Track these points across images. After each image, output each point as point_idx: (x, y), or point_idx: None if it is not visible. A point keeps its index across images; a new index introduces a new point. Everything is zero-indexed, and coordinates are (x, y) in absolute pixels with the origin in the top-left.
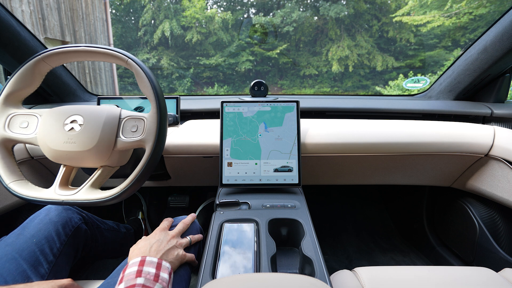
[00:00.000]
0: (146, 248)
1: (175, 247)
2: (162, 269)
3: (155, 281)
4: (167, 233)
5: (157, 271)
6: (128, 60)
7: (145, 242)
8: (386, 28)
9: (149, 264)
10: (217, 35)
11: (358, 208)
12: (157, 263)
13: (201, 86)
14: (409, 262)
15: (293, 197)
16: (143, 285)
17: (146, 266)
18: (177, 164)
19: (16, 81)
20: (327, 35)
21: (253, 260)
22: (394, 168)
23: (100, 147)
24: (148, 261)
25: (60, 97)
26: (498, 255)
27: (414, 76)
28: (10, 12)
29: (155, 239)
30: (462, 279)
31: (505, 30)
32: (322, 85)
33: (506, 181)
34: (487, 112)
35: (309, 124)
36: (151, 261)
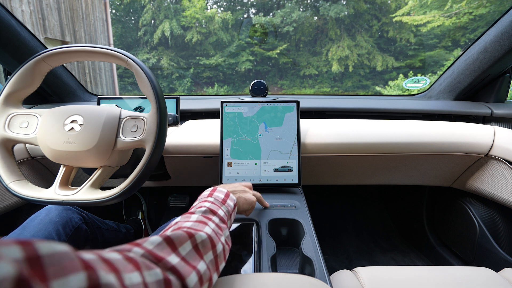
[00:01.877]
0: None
1: (248, 191)
2: (229, 198)
3: (222, 203)
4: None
5: (225, 197)
6: (128, 60)
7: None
8: (386, 28)
9: (219, 191)
10: (217, 35)
11: (358, 208)
12: (225, 193)
13: (201, 86)
14: (409, 262)
15: (293, 197)
16: (212, 202)
17: (217, 192)
18: (177, 164)
19: (16, 81)
20: (327, 35)
21: (253, 260)
22: (394, 168)
23: (100, 147)
24: (218, 189)
25: (60, 97)
26: (498, 255)
27: (414, 76)
28: (10, 12)
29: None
30: (462, 279)
31: (505, 30)
32: (322, 85)
33: (506, 181)
34: (487, 112)
35: (309, 124)
36: (220, 190)
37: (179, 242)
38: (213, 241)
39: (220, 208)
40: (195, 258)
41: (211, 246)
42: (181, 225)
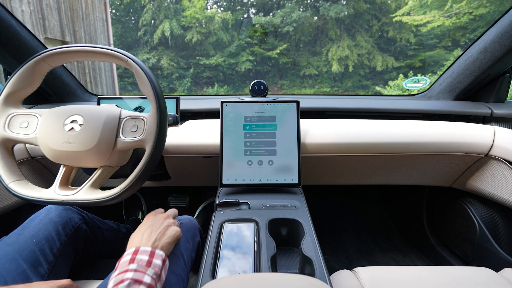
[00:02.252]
0: (138, 238)
1: (169, 226)
2: (156, 257)
3: (147, 267)
4: (157, 216)
5: (150, 258)
6: (128, 60)
7: (137, 233)
8: (386, 28)
9: (143, 252)
10: (217, 35)
11: (358, 208)
12: (150, 251)
13: (201, 86)
14: (409, 262)
15: (293, 197)
16: (135, 270)
17: (140, 254)
18: (177, 164)
19: (16, 81)
20: (327, 35)
21: (253, 260)
22: (394, 168)
23: (100, 147)
24: (141, 250)
25: (60, 97)
26: (498, 255)
27: (414, 76)
28: (10, 12)
29: (146, 226)
30: (462, 279)
31: (505, 30)
32: (322, 85)
33: (506, 181)
34: (487, 112)
35: (309, 124)
36: (144, 250)
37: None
38: None
39: (145, 273)
40: None
41: None
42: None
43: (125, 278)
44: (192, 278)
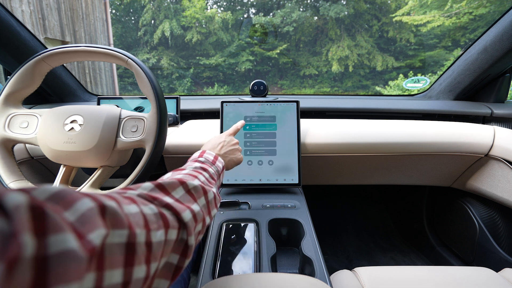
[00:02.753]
0: (210, 145)
1: (237, 150)
2: (218, 161)
3: (212, 163)
4: (233, 138)
5: (214, 159)
6: (128, 60)
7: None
8: (386, 28)
9: (209, 154)
10: (217, 35)
11: (358, 208)
12: (214, 155)
13: (201, 86)
14: (409, 262)
15: (293, 197)
16: (203, 162)
17: (206, 154)
18: (177, 164)
19: (16, 81)
20: (327, 35)
21: (253, 260)
22: (394, 168)
23: (100, 147)
24: (208, 152)
25: (60, 97)
26: (498, 255)
27: (414, 76)
28: (10, 12)
29: (220, 139)
30: (462, 279)
31: (505, 30)
32: (322, 85)
33: (506, 181)
34: (487, 112)
35: (309, 124)
36: (210, 153)
37: (171, 187)
38: (205, 188)
39: (210, 167)
40: (189, 200)
41: (203, 192)
42: (172, 177)
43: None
44: (192, 278)
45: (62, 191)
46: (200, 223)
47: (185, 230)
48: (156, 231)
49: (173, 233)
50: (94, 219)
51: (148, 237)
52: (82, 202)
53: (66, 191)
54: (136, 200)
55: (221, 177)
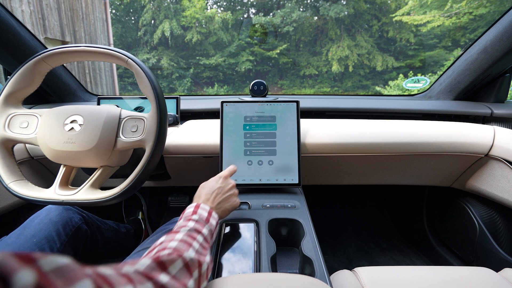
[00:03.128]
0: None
1: (233, 195)
2: (212, 217)
3: (206, 222)
4: (229, 181)
5: (208, 216)
6: (128, 60)
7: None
8: (386, 28)
9: (203, 209)
10: (217, 35)
11: (358, 208)
12: (208, 211)
13: (201, 86)
14: (409, 262)
15: (293, 197)
16: (196, 221)
17: (200, 210)
18: (177, 164)
19: (16, 81)
20: (327, 35)
21: (253, 260)
22: (394, 168)
23: (100, 147)
24: (202, 206)
25: (60, 97)
26: (498, 255)
27: (414, 76)
28: (10, 12)
29: (216, 186)
30: (462, 279)
31: (505, 30)
32: (322, 85)
33: (506, 181)
34: (487, 112)
35: (309, 124)
36: (204, 208)
37: (170, 262)
38: (200, 260)
39: (204, 227)
40: (184, 275)
41: (198, 265)
42: (166, 245)
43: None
44: None
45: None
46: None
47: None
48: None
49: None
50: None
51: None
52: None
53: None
54: (133, 278)
55: (214, 235)
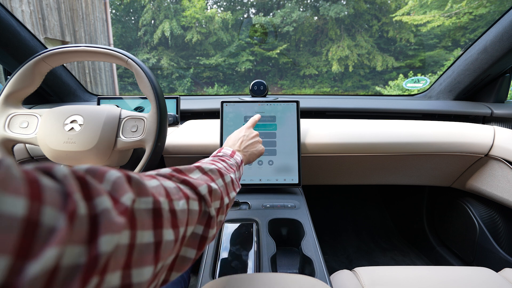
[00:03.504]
0: (231, 142)
1: (258, 142)
2: (236, 155)
3: (231, 156)
4: (252, 130)
5: (232, 153)
6: (128, 60)
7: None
8: (386, 28)
9: (226, 149)
10: (217, 35)
11: (358, 208)
12: (232, 150)
13: (201, 86)
14: (409, 262)
15: (293, 197)
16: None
17: (225, 149)
18: (177, 164)
19: (16, 81)
20: (327, 35)
21: (253, 260)
22: (394, 168)
23: (100, 147)
24: (225, 148)
25: (60, 97)
26: (498, 255)
27: (414, 76)
28: (10, 12)
29: (241, 134)
30: (462, 279)
31: (505, 30)
32: (322, 85)
33: (506, 181)
34: (487, 112)
35: (309, 124)
36: (227, 149)
37: (188, 170)
38: (221, 171)
39: (229, 159)
40: (206, 179)
41: (220, 175)
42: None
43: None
44: (192, 278)
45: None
46: (218, 200)
47: (204, 202)
48: (178, 201)
49: (194, 204)
50: (123, 185)
51: (172, 205)
52: (111, 173)
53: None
54: (156, 176)
55: (241, 169)
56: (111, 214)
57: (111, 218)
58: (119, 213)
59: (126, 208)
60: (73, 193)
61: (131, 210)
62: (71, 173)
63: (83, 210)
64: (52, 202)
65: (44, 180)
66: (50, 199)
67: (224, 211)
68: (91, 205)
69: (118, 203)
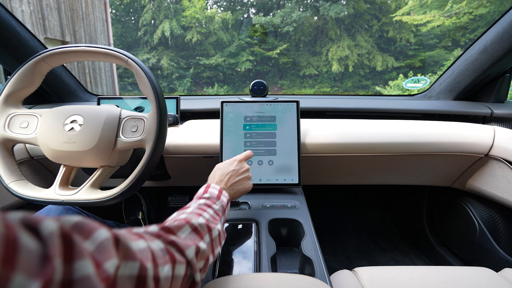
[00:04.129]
0: (217, 176)
1: (246, 178)
2: (222, 195)
3: (217, 199)
4: (243, 164)
5: (219, 194)
6: (128, 60)
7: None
8: (386, 28)
9: (213, 188)
10: (217, 35)
11: (358, 208)
12: (219, 190)
13: (201, 86)
14: (409, 262)
15: (293, 197)
16: (207, 198)
17: (211, 189)
18: (177, 164)
19: (16, 81)
20: (327, 35)
21: (253, 260)
22: (394, 168)
23: (100, 147)
24: (212, 186)
25: (60, 97)
26: (498, 255)
27: (414, 76)
28: (10, 12)
29: (230, 168)
30: (462, 279)
31: (505, 30)
32: (322, 85)
33: (506, 181)
34: (487, 112)
35: (309, 124)
36: (214, 187)
37: (177, 228)
38: (209, 226)
39: (215, 203)
40: (195, 238)
41: (208, 230)
42: (176, 217)
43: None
44: None
45: (83, 221)
46: (203, 260)
47: (191, 267)
48: (164, 266)
49: (180, 269)
50: (109, 248)
51: (156, 272)
52: (99, 232)
53: (86, 221)
54: (144, 235)
55: (226, 211)
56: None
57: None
58: (101, 279)
59: (108, 276)
60: (53, 257)
61: (113, 278)
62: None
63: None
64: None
65: (25, 239)
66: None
67: (207, 268)
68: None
69: (101, 268)
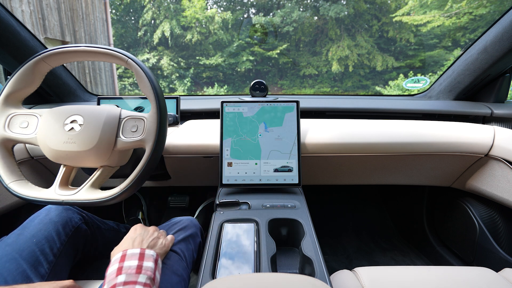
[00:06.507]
0: (129, 242)
1: (158, 237)
2: (146, 258)
3: (138, 273)
4: (147, 228)
5: (140, 262)
6: (128, 60)
7: (127, 239)
8: (386, 28)
9: (131, 257)
10: (217, 35)
11: (358, 208)
12: (139, 254)
13: (201, 86)
14: (409, 262)
15: (293, 197)
16: (124, 282)
17: (127, 260)
18: (177, 164)
19: (16, 81)
20: (327, 35)
21: (253, 260)
22: (394, 168)
23: (100, 147)
24: (129, 254)
25: (60, 97)
26: (498, 255)
27: (414, 76)
28: (10, 12)
29: (136, 234)
30: (462, 279)
31: (505, 30)
32: (322, 85)
33: (506, 181)
34: (487, 112)
35: (309, 124)
36: (132, 254)
37: None
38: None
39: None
40: None
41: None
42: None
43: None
44: (193, 278)
45: None
46: None
47: None
48: None
49: None
50: None
51: None
52: None
53: None
54: None
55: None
56: None
57: None
58: None
59: None
60: None
61: None
62: None
63: None
64: None
65: None
66: None
67: None
68: None
69: None
